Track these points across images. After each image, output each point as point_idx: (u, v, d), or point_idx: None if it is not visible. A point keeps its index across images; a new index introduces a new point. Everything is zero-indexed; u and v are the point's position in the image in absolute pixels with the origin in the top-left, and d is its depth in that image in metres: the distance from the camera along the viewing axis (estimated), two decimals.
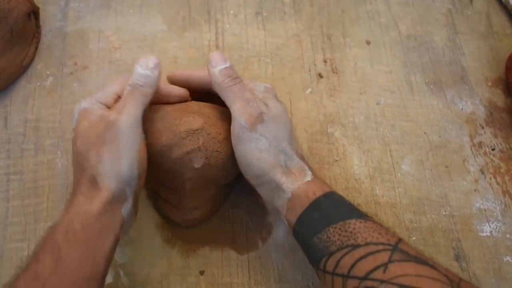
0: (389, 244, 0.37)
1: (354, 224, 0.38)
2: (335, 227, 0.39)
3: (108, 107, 0.42)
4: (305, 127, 0.57)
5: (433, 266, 0.36)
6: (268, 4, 0.65)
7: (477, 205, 0.54)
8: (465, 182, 0.55)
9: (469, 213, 0.53)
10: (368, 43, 0.63)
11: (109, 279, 0.47)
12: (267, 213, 0.52)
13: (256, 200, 0.43)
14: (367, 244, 0.37)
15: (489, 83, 0.62)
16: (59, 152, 0.53)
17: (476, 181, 0.55)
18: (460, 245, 0.52)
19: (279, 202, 0.43)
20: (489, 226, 0.53)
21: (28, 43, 0.56)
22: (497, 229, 0.53)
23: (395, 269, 0.35)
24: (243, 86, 0.44)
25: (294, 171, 0.42)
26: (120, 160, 0.40)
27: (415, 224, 0.52)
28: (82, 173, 0.40)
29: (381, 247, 0.37)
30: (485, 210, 0.54)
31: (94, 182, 0.39)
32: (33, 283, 0.35)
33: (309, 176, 0.42)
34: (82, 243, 0.37)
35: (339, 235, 0.38)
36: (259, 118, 0.42)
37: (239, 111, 0.43)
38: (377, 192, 0.54)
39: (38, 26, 0.59)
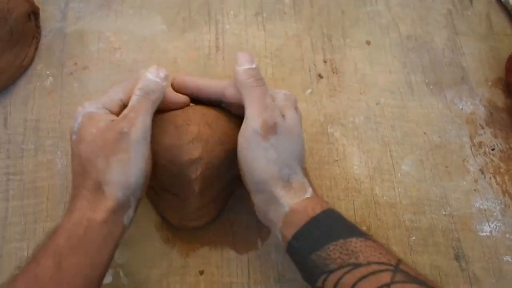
0: (390, 264, 0.37)
1: (355, 242, 0.38)
2: (336, 245, 0.38)
3: (113, 113, 0.42)
4: (305, 128, 0.57)
5: (432, 287, 0.36)
6: (268, 4, 0.65)
7: (477, 205, 0.54)
8: (465, 182, 0.55)
9: (469, 213, 0.53)
10: (368, 43, 0.63)
11: (108, 279, 0.47)
12: None
13: (250, 207, 0.43)
14: (369, 263, 0.37)
15: (489, 84, 0.62)
16: (59, 152, 0.53)
17: (476, 181, 0.55)
18: (460, 245, 0.52)
19: (274, 214, 0.42)
20: (489, 226, 0.53)
21: (28, 43, 0.56)
22: (497, 229, 0.53)
23: None
24: (265, 90, 0.43)
25: (294, 186, 0.42)
26: (130, 171, 0.40)
27: (415, 224, 0.52)
28: (86, 178, 0.39)
29: (383, 267, 0.37)
30: (485, 210, 0.54)
31: (99, 189, 0.39)
32: (33, 286, 0.35)
33: (309, 193, 0.42)
34: (84, 249, 0.37)
35: (340, 253, 0.38)
36: (273, 129, 0.41)
37: (255, 114, 0.41)
38: (377, 192, 0.54)
39: (38, 26, 0.59)
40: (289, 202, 0.41)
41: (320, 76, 0.60)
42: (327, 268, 0.38)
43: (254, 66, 0.44)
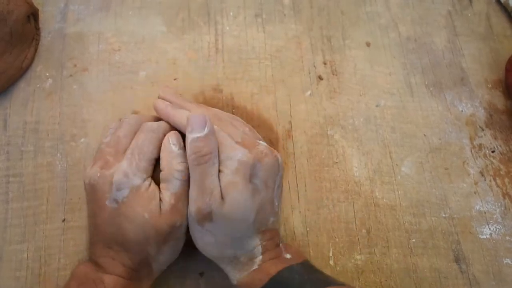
0: None
1: None
2: None
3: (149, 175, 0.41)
4: (304, 129, 0.57)
5: None
6: (268, 6, 0.65)
7: (477, 207, 0.54)
8: (465, 185, 0.55)
9: (469, 216, 0.53)
10: (368, 45, 0.63)
11: None
12: None
13: None
14: None
15: (489, 85, 0.62)
16: (58, 154, 0.53)
17: (476, 183, 0.55)
18: (460, 248, 0.52)
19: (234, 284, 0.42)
20: (489, 228, 0.53)
21: (27, 45, 0.56)
22: (497, 232, 0.53)
23: None
24: (208, 169, 0.39)
25: (242, 260, 0.41)
26: (178, 249, 0.43)
27: (415, 227, 0.52)
28: (128, 251, 0.40)
29: None
30: (485, 212, 0.54)
31: (146, 266, 0.41)
32: None
33: (256, 264, 0.40)
34: None
35: None
36: (207, 216, 0.39)
37: (192, 198, 0.40)
38: (377, 194, 0.54)
39: (37, 28, 0.59)
40: (236, 277, 0.41)
41: (320, 78, 0.60)
42: None
43: (204, 133, 0.39)
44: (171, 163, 0.40)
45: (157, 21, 0.62)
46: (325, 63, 0.61)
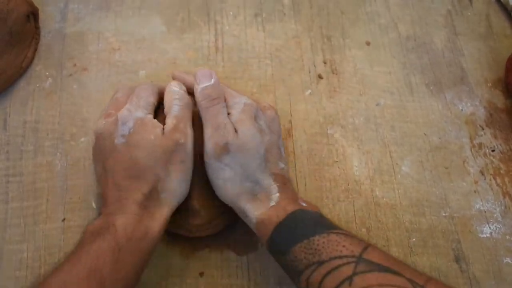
0: (352, 256, 0.37)
1: (318, 240, 0.38)
2: (301, 246, 0.39)
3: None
4: (304, 129, 0.57)
5: (397, 272, 0.36)
6: (268, 5, 0.65)
7: (477, 206, 0.54)
8: (465, 184, 0.55)
9: (469, 215, 0.53)
10: (367, 44, 0.63)
11: None
12: None
13: None
14: (330, 259, 0.37)
15: (489, 84, 0.62)
16: (58, 153, 0.53)
17: (476, 182, 0.55)
18: (460, 247, 0.52)
19: (250, 225, 0.44)
20: (489, 227, 0.53)
21: (27, 44, 0.56)
22: (497, 231, 0.53)
23: (359, 281, 0.35)
24: (219, 109, 0.44)
25: (260, 196, 0.43)
26: (186, 180, 0.43)
27: (415, 226, 0.52)
28: (140, 182, 0.41)
29: (344, 260, 0.37)
30: (485, 212, 0.54)
31: (155, 196, 0.41)
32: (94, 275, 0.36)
33: (273, 201, 0.42)
34: (140, 253, 0.39)
35: (305, 253, 0.38)
36: (224, 148, 0.42)
37: (207, 136, 0.43)
38: (377, 193, 0.54)
39: (37, 27, 0.59)
40: (255, 214, 0.42)
41: (320, 77, 0.60)
42: (297, 269, 0.39)
43: (212, 82, 0.44)
44: (172, 97, 0.45)
45: (157, 21, 0.62)
46: (325, 62, 0.61)
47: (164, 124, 0.44)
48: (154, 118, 0.44)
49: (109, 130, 0.43)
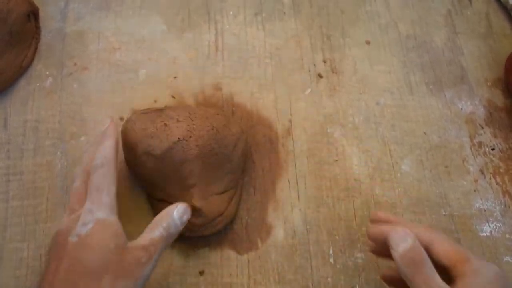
0: None
1: None
2: None
3: None
4: (304, 128, 0.57)
5: None
6: (268, 5, 0.65)
7: (477, 205, 0.54)
8: (464, 182, 0.55)
9: (469, 213, 0.53)
10: (367, 43, 0.63)
11: None
12: (267, 213, 0.52)
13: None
14: None
15: (489, 83, 0.62)
16: (58, 153, 0.53)
17: (475, 181, 0.55)
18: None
19: None
20: (489, 226, 0.53)
21: (27, 44, 0.56)
22: (496, 229, 0.53)
23: None
24: (427, 276, 0.37)
25: None
26: None
27: None
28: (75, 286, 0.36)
29: None
30: (484, 210, 0.54)
31: None
32: None
33: None
34: None
35: None
36: None
37: None
38: (377, 192, 0.54)
39: (37, 27, 0.59)
40: None
41: (320, 76, 0.60)
42: None
43: (409, 243, 0.38)
44: (164, 219, 0.41)
45: (157, 20, 0.62)
46: (325, 61, 0.61)
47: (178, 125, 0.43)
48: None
49: (68, 227, 0.39)
